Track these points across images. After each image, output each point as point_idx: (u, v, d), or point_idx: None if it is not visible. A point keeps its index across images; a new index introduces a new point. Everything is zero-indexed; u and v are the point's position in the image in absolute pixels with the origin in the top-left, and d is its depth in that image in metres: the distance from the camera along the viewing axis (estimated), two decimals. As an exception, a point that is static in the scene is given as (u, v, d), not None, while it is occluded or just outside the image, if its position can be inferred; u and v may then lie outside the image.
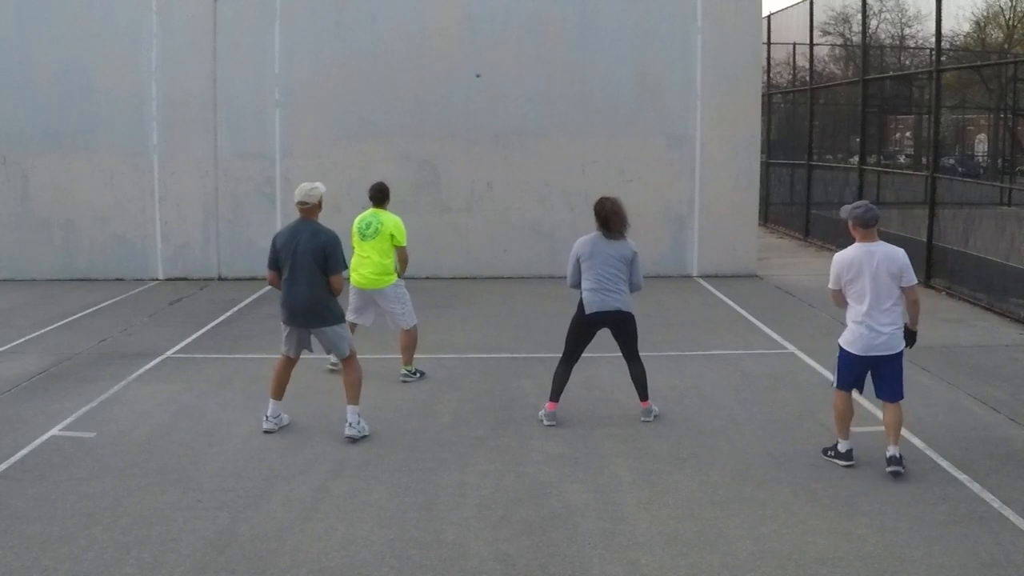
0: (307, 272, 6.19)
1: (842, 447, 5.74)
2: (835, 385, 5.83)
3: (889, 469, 5.52)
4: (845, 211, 5.71)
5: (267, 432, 6.38)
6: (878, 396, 5.75)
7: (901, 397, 5.67)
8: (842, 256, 5.65)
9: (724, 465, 5.79)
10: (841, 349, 5.71)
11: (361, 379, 6.42)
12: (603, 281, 6.48)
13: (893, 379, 5.63)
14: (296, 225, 6.38)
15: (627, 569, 4.44)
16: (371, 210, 7.93)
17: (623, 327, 6.62)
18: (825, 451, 5.88)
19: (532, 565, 4.49)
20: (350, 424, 6.28)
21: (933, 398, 7.21)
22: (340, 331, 6.40)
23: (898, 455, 5.56)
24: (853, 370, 5.68)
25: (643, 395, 6.71)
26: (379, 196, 7.97)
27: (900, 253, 5.59)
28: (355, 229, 7.89)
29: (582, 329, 6.69)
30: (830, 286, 5.74)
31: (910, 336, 5.72)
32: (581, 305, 6.64)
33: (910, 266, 5.62)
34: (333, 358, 7.59)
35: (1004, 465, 5.75)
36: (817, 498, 5.25)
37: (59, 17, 12.85)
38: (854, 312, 5.60)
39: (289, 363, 6.52)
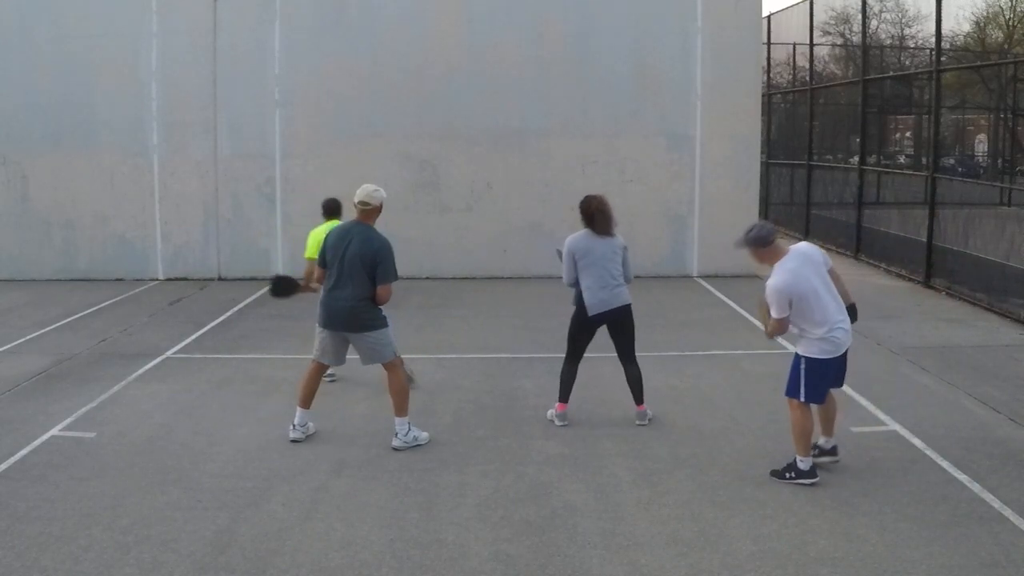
0: (354, 277, 5.92)
1: (804, 464, 5.41)
2: (803, 399, 5.40)
3: (833, 460, 5.59)
4: (741, 242, 5.49)
5: (294, 441, 6.18)
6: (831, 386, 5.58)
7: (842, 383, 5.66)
8: (782, 281, 5.24)
9: (724, 465, 5.79)
10: (813, 361, 5.34)
11: (404, 389, 6.18)
12: (604, 279, 6.54)
13: (844, 366, 5.57)
14: (349, 227, 6.09)
15: (627, 569, 4.44)
16: (328, 222, 7.79)
17: (624, 322, 6.63)
18: (782, 474, 5.48)
19: (532, 565, 4.49)
20: (396, 435, 6.09)
21: (933, 398, 7.21)
22: (383, 337, 6.09)
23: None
24: (827, 378, 5.44)
25: (639, 399, 6.69)
26: (334, 209, 7.97)
27: (811, 244, 5.61)
28: (320, 240, 7.87)
29: (585, 327, 6.71)
30: (780, 316, 5.28)
31: (854, 313, 5.61)
32: (580, 304, 6.63)
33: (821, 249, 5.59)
34: (331, 370, 7.37)
35: (1004, 465, 5.75)
36: (817, 498, 5.25)
37: (59, 17, 12.85)
38: (820, 324, 5.28)
39: (320, 370, 6.26)
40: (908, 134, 24.27)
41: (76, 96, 12.89)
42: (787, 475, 5.46)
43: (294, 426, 6.22)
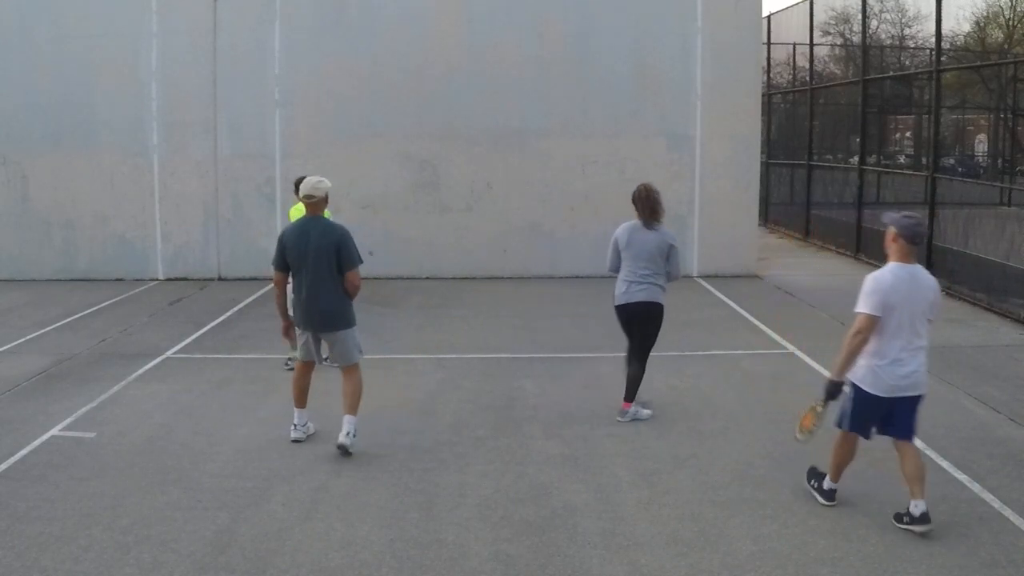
0: (322, 272, 5.87)
1: (828, 484, 5.19)
2: (841, 426, 5.04)
3: (922, 529, 4.75)
4: (891, 218, 4.86)
5: (295, 441, 6.16)
6: (885, 434, 5.00)
7: (914, 433, 4.97)
8: (883, 277, 4.78)
9: (724, 465, 5.79)
10: (858, 388, 4.89)
11: (362, 389, 6.12)
12: (635, 272, 6.55)
13: (909, 415, 4.90)
14: (303, 223, 6.02)
15: (627, 569, 4.44)
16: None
17: (647, 320, 6.63)
18: (810, 479, 5.34)
19: (532, 565, 4.49)
20: (347, 433, 5.95)
21: (933, 398, 7.17)
22: (355, 336, 6.10)
23: (927, 510, 4.79)
24: (870, 413, 4.92)
25: (629, 396, 6.68)
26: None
27: (935, 282, 4.90)
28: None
29: (620, 320, 6.78)
30: (869, 311, 4.76)
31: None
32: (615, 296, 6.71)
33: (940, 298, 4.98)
34: (288, 356, 7.74)
35: (1004, 465, 5.75)
36: (817, 498, 5.24)
37: (59, 17, 12.85)
38: (882, 347, 4.78)
39: (307, 368, 6.22)
40: (908, 134, 24.27)
41: (76, 96, 12.89)
42: (811, 481, 5.28)
43: (295, 426, 6.21)
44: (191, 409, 7.04)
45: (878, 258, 13.84)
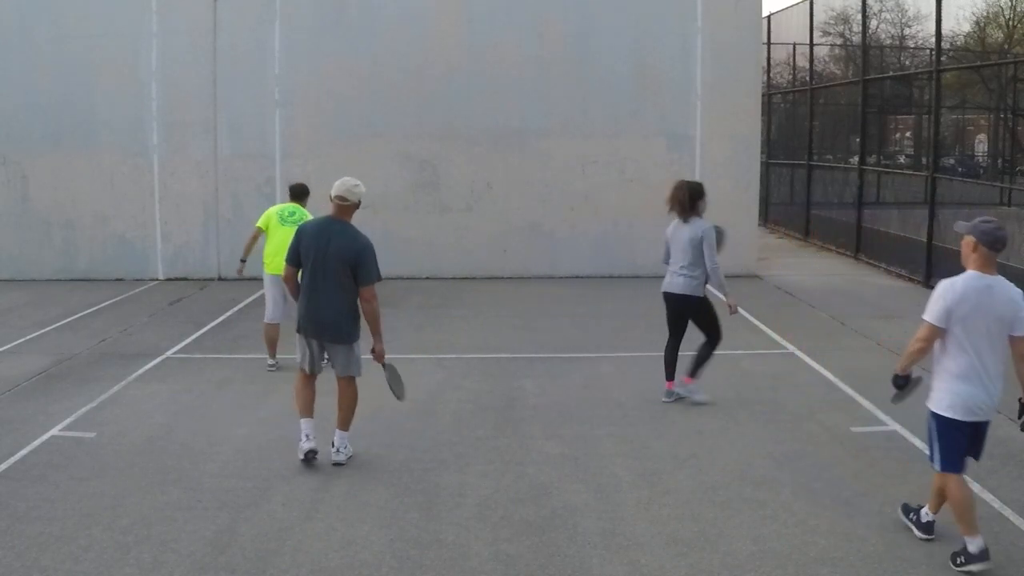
0: (334, 279, 5.51)
1: (973, 546, 4.33)
2: (939, 468, 4.47)
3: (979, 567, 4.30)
4: (967, 226, 4.52)
5: (310, 451, 5.71)
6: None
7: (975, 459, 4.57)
8: (953, 285, 4.40)
9: (724, 465, 5.79)
10: (941, 418, 4.42)
11: (356, 404, 5.80)
12: (674, 264, 7.05)
13: (981, 438, 4.56)
14: (325, 223, 5.65)
15: (627, 569, 4.44)
16: (292, 203, 8.28)
17: (686, 309, 6.98)
18: (953, 559, 4.42)
19: (532, 565, 4.49)
20: (337, 449, 5.71)
21: (933, 398, 7.20)
22: (356, 350, 5.74)
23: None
24: (962, 441, 4.43)
25: (691, 371, 6.98)
26: (300, 192, 8.38)
27: (1018, 294, 4.45)
28: (274, 213, 8.16)
29: (666, 307, 7.17)
30: (932, 320, 4.37)
31: (1022, 410, 4.54)
32: None
33: None
34: (270, 359, 8.00)
35: (1004, 465, 5.75)
36: (817, 498, 5.25)
37: (59, 17, 12.85)
38: (956, 365, 4.37)
39: (309, 378, 5.87)
40: (908, 134, 24.26)
41: (76, 96, 12.89)
42: (958, 560, 4.40)
43: (307, 436, 5.75)
44: (191, 409, 7.04)
45: (878, 258, 13.94)
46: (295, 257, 5.69)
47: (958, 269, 4.70)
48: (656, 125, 13.11)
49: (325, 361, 5.94)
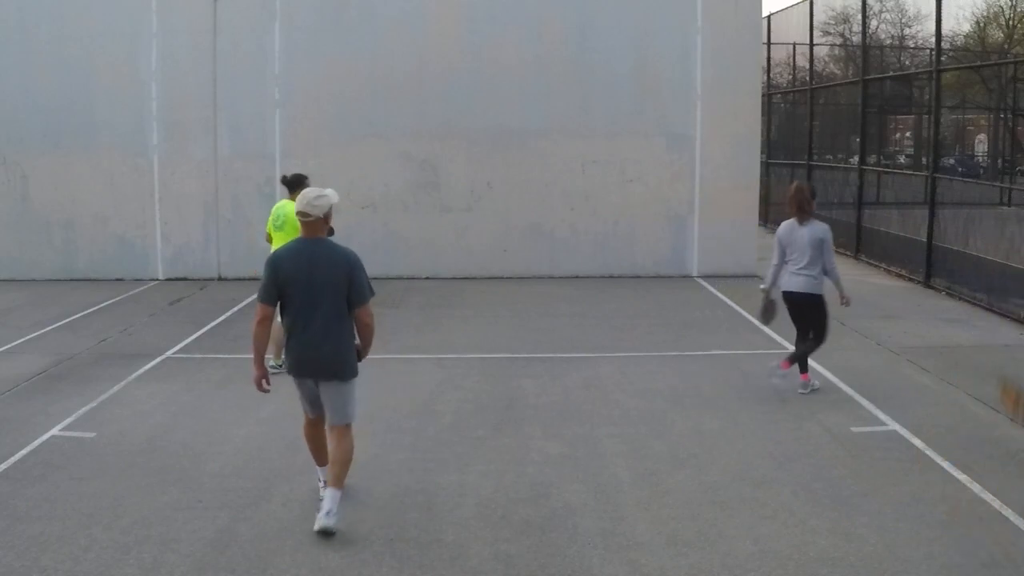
0: (328, 309, 4.81)
1: None
2: None
3: None
4: None
5: (324, 530, 4.86)
6: None
7: None
8: None
9: (724, 465, 5.79)
10: None
11: (352, 456, 5.00)
12: (794, 264, 7.19)
13: None
14: (300, 246, 4.90)
15: (627, 569, 4.44)
16: (284, 201, 8.07)
17: (807, 307, 7.21)
18: None
19: (532, 565, 4.49)
20: (328, 511, 4.78)
21: (933, 398, 7.21)
22: (353, 390, 5.02)
23: None
24: None
25: (792, 359, 7.25)
26: (294, 183, 7.93)
27: None
28: (271, 215, 8.11)
29: (788, 306, 7.34)
30: None
31: None
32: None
33: None
34: (273, 360, 7.14)
35: (1004, 465, 5.75)
36: (817, 498, 5.25)
37: (59, 17, 12.85)
38: None
39: (319, 422, 5.15)
40: (908, 134, 24.28)
41: (76, 96, 12.88)
42: None
43: (324, 482, 5.11)
44: (191, 409, 7.04)
45: (878, 258, 13.93)
46: (273, 294, 4.84)
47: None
48: (656, 125, 13.11)
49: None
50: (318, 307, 4.81)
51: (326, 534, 4.75)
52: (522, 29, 12.97)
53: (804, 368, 7.32)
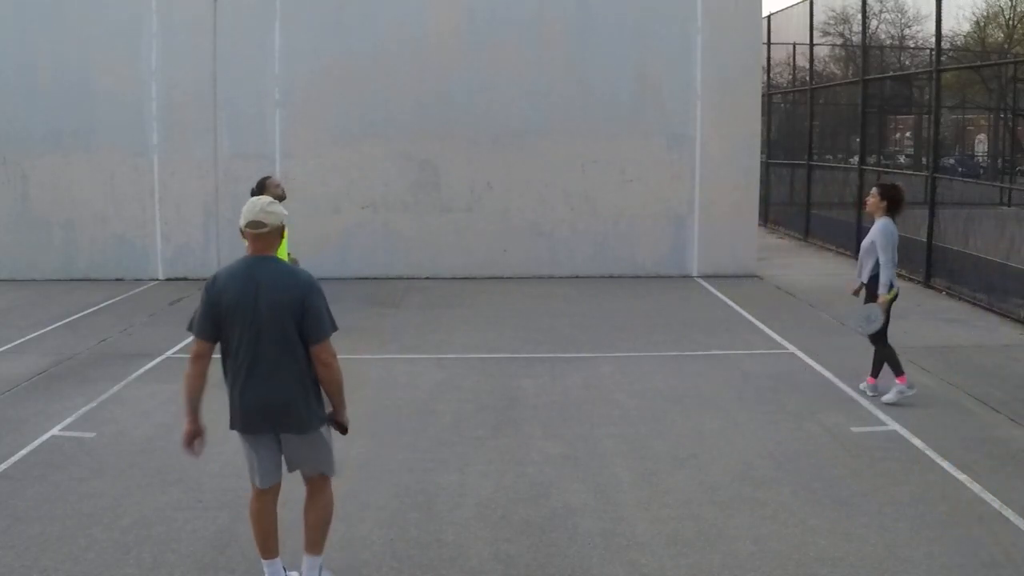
0: (276, 342, 3.88)
1: None
2: None
3: None
4: None
5: None
6: None
7: None
8: None
9: (724, 465, 5.79)
10: None
11: (332, 516, 4.20)
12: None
13: None
14: (245, 267, 3.94)
15: (627, 569, 4.44)
16: None
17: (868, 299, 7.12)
18: None
19: (532, 565, 4.49)
20: None
21: (933, 398, 7.21)
22: (324, 439, 4.07)
23: None
24: None
25: (872, 371, 7.21)
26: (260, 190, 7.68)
27: None
28: None
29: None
30: None
31: None
32: None
33: None
34: None
35: (1004, 465, 5.75)
36: (817, 498, 5.25)
37: (59, 17, 12.85)
38: None
39: (270, 497, 4.14)
40: (908, 134, 24.28)
41: (76, 96, 12.88)
42: None
43: None
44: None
45: (878, 258, 13.87)
46: (210, 327, 3.98)
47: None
48: (656, 125, 13.11)
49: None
50: (264, 342, 3.90)
51: None
52: (522, 29, 12.98)
53: (874, 372, 7.29)
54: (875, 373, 7.26)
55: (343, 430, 4.12)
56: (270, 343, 3.91)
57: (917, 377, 7.80)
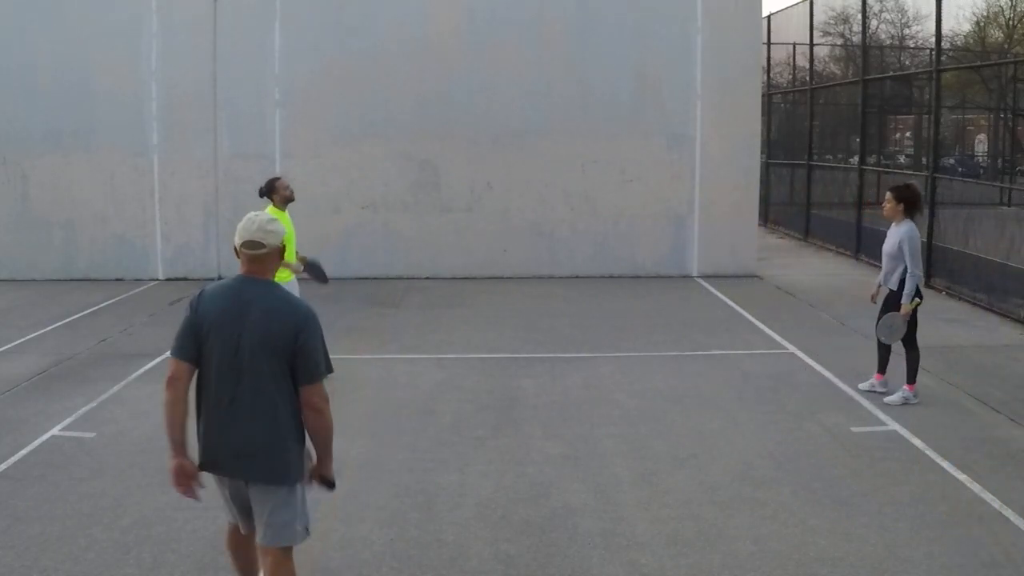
0: (258, 377, 3.40)
1: None
2: None
3: None
4: None
5: None
6: None
7: None
8: None
9: (724, 465, 5.79)
10: None
11: None
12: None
13: None
14: (237, 289, 3.51)
15: (627, 569, 4.44)
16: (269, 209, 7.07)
17: (888, 304, 7.09)
18: None
19: (532, 565, 4.49)
20: None
21: (933, 398, 7.21)
22: (297, 498, 3.58)
23: None
24: None
25: (908, 378, 7.08)
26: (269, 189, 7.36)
27: None
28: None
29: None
30: None
31: None
32: None
33: None
34: None
35: (1004, 465, 5.75)
36: (817, 498, 5.25)
37: (59, 17, 12.85)
38: None
39: (246, 540, 3.82)
40: (908, 134, 24.28)
41: (76, 96, 12.88)
42: None
43: None
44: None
45: (878, 258, 13.85)
46: (190, 347, 3.48)
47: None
48: (656, 125, 13.11)
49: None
50: (246, 375, 3.41)
51: None
52: (522, 29, 12.98)
53: (910, 379, 7.17)
54: (881, 369, 7.27)
55: (330, 485, 3.69)
56: (252, 377, 3.40)
57: (917, 377, 7.81)
